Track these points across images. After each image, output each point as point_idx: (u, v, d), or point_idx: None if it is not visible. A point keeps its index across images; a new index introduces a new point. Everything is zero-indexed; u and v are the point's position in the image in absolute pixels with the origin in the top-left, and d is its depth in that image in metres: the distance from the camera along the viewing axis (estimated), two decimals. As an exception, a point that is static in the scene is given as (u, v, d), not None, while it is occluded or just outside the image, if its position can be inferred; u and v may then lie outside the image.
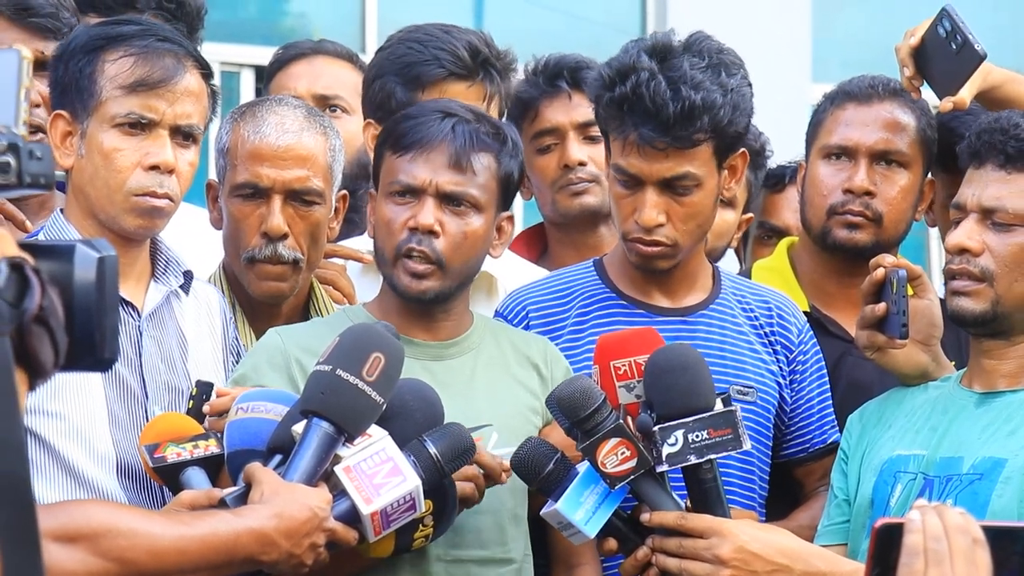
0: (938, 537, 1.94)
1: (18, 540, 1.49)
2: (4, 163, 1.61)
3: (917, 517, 1.96)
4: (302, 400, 2.66)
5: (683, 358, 2.78)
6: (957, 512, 1.98)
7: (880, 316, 3.11)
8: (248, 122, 3.24)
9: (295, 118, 3.26)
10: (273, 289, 3.25)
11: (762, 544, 2.75)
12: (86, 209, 2.95)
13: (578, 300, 3.27)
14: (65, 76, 2.95)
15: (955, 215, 3.09)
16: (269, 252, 3.21)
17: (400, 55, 3.54)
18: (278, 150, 3.21)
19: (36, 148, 1.63)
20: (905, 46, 3.39)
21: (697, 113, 3.06)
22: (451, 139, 2.98)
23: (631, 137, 3.09)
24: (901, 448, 3.05)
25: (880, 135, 3.50)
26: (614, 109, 3.11)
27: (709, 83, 3.08)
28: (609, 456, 2.70)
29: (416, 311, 3.03)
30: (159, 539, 2.44)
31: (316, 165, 3.24)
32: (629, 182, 3.14)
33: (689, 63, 3.08)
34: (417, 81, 3.50)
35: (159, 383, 2.94)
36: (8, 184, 1.61)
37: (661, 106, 3.05)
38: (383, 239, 3.01)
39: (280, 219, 3.20)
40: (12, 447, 1.49)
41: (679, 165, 3.11)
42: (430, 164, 2.98)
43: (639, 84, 3.06)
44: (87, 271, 1.64)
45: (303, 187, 3.22)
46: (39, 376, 1.56)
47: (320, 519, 2.55)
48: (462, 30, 3.61)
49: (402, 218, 2.98)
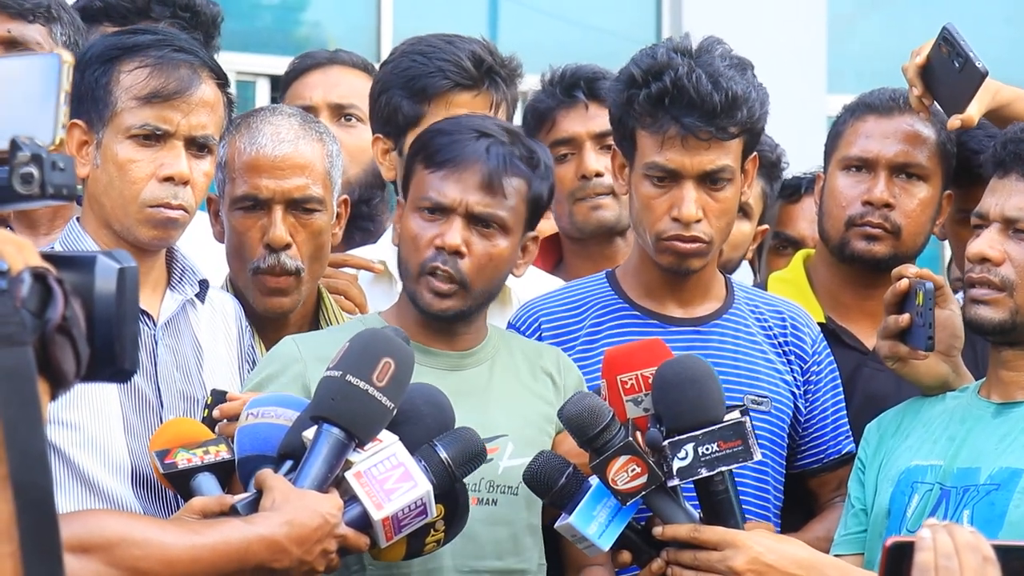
0: (949, 555, 1.95)
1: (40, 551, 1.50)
2: (27, 174, 1.62)
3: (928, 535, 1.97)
4: (312, 406, 2.66)
5: (691, 370, 2.77)
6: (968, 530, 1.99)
7: (903, 327, 3.11)
8: (243, 134, 3.24)
9: (290, 127, 3.25)
10: (276, 305, 3.25)
11: (777, 555, 2.74)
12: (101, 219, 2.95)
13: (591, 311, 3.27)
14: (81, 85, 2.95)
15: (976, 223, 3.08)
16: (273, 262, 3.21)
17: (404, 68, 3.54)
18: (275, 160, 3.21)
19: (59, 159, 1.63)
20: (912, 65, 3.39)
21: (739, 103, 3.09)
22: (484, 160, 2.97)
23: (671, 131, 3.10)
24: (918, 458, 3.04)
25: (900, 147, 3.50)
26: (650, 105, 3.11)
27: (739, 78, 3.12)
28: (619, 473, 2.70)
29: (435, 325, 3.03)
30: (171, 548, 2.44)
31: (314, 172, 3.24)
32: (665, 179, 3.14)
33: (719, 60, 3.12)
34: (423, 94, 3.49)
35: (174, 392, 2.95)
36: (31, 195, 1.62)
37: (706, 96, 3.07)
38: (408, 253, 3.01)
39: (282, 229, 3.20)
40: (35, 457, 1.50)
41: (719, 158, 3.12)
42: (461, 184, 2.97)
43: (680, 77, 3.08)
44: (108, 282, 1.64)
45: (303, 195, 3.22)
46: (61, 386, 1.57)
47: (331, 525, 2.55)
48: (465, 39, 3.60)
49: (428, 235, 2.98)
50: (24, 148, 1.62)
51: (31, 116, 1.65)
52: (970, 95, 3.31)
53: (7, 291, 1.53)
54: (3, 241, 1.57)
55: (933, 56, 3.36)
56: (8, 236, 1.58)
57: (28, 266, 1.56)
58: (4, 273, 1.54)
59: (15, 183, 1.62)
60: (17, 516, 1.49)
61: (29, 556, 1.50)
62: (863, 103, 3.58)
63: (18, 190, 1.63)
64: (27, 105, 1.66)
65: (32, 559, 1.50)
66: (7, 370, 1.50)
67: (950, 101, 3.36)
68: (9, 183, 1.63)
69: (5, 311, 1.52)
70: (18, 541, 1.50)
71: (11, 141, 1.62)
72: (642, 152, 3.17)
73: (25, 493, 1.50)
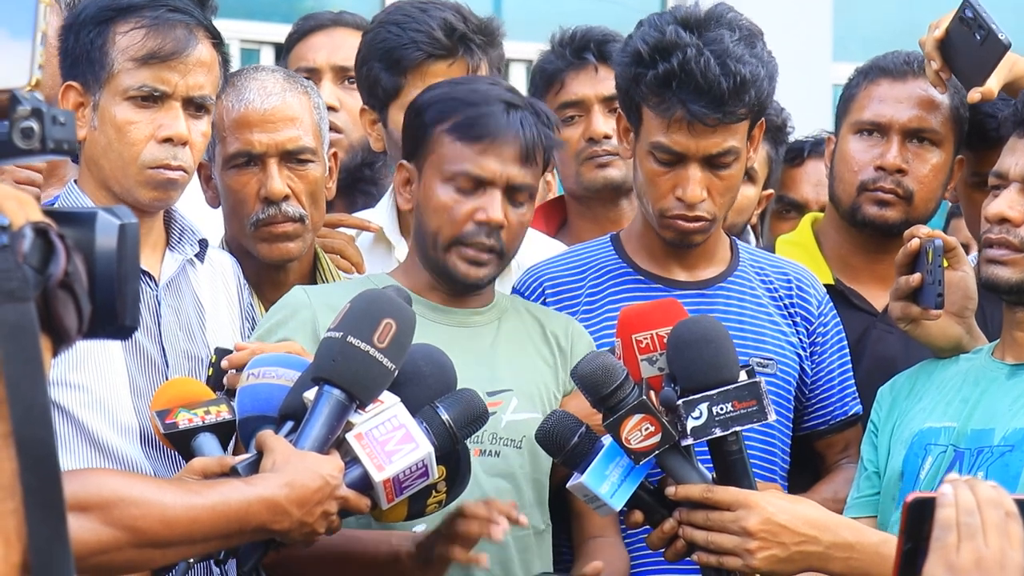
0: (971, 511, 1.94)
1: (43, 505, 1.49)
2: (27, 128, 1.60)
3: (949, 491, 1.95)
4: (313, 367, 2.65)
5: (706, 330, 2.75)
6: (989, 485, 1.98)
7: (915, 287, 3.09)
8: (229, 94, 3.23)
9: (275, 80, 3.27)
10: (283, 251, 3.24)
11: (789, 515, 2.72)
12: (100, 181, 2.95)
13: (594, 275, 3.26)
14: (76, 47, 2.94)
15: (995, 183, 3.06)
16: (273, 211, 3.22)
17: (381, 40, 3.53)
18: (265, 113, 3.22)
19: (59, 113, 1.61)
20: (930, 39, 3.33)
21: (746, 87, 3.06)
22: (521, 134, 2.99)
23: (677, 114, 3.07)
24: (932, 420, 3.03)
25: (914, 112, 3.48)
26: (657, 86, 3.08)
27: (748, 56, 3.07)
28: (633, 432, 2.68)
29: (451, 288, 3.04)
30: (170, 508, 2.42)
31: (304, 124, 3.25)
32: (670, 159, 3.13)
33: (728, 36, 3.07)
34: (398, 66, 3.49)
35: (179, 352, 2.95)
36: (32, 149, 1.60)
37: (713, 82, 3.04)
38: (438, 223, 3.00)
39: (279, 182, 3.20)
40: (38, 412, 1.49)
41: (725, 140, 3.10)
42: (501, 158, 2.98)
43: (687, 60, 3.04)
44: (109, 238, 1.63)
45: (296, 147, 3.23)
46: (63, 342, 1.55)
47: (332, 487, 2.54)
48: (438, 6, 3.57)
49: (465, 208, 2.98)
50: (24, 102, 1.61)
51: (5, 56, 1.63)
52: (991, 67, 3.26)
53: (9, 246, 1.51)
54: (4, 196, 1.56)
55: (952, 28, 3.31)
56: (9, 191, 1.57)
57: (30, 221, 1.54)
58: (5, 228, 1.52)
59: (15, 137, 1.61)
60: (20, 472, 1.49)
61: (32, 513, 1.49)
62: (876, 66, 3.55)
63: (18, 144, 1.61)
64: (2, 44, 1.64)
65: (35, 516, 1.49)
66: (9, 326, 1.49)
67: (969, 74, 3.31)
68: (9, 137, 1.61)
69: (7, 266, 1.50)
70: (21, 497, 1.49)
71: (11, 95, 1.60)
72: (647, 130, 3.15)
73: (28, 449, 1.49)
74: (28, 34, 1.62)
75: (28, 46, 1.62)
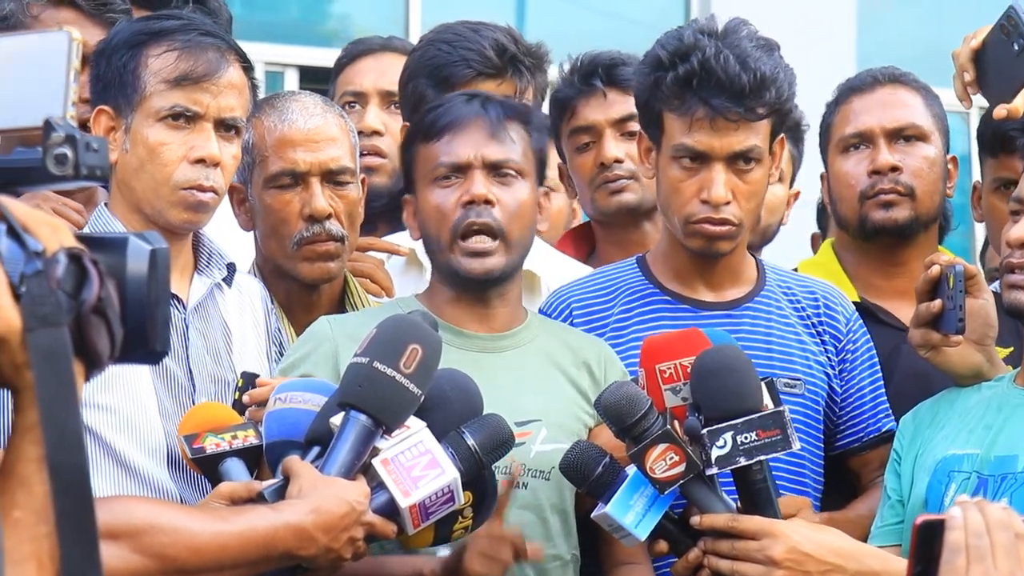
0: (980, 533, 1.93)
1: (76, 529, 1.50)
2: (61, 155, 1.61)
3: (958, 513, 1.95)
4: (340, 392, 2.65)
5: (730, 359, 2.75)
6: (999, 507, 1.97)
7: (935, 313, 3.08)
8: (269, 114, 3.27)
9: (315, 103, 3.31)
10: (324, 271, 3.26)
11: (815, 544, 2.73)
12: (131, 203, 2.96)
13: (621, 297, 3.26)
14: (108, 71, 2.96)
15: (1015, 208, 3.05)
16: (318, 230, 3.24)
17: (430, 57, 3.57)
18: (309, 133, 3.25)
19: (93, 140, 1.62)
20: (966, 50, 3.31)
21: (767, 83, 3.09)
22: (484, 114, 3.01)
23: (699, 112, 3.10)
24: (955, 447, 3.02)
25: (891, 113, 3.55)
26: (677, 87, 3.11)
27: (767, 58, 3.11)
28: (657, 462, 2.69)
29: (470, 299, 3.03)
30: (199, 535, 2.43)
31: (343, 145, 3.28)
32: (694, 161, 3.13)
33: (746, 41, 3.11)
34: (447, 82, 3.52)
35: (206, 376, 2.95)
36: (65, 176, 1.61)
37: (734, 76, 3.06)
38: (435, 226, 3.00)
39: (323, 200, 3.23)
40: (71, 437, 1.50)
41: (748, 138, 3.12)
42: (470, 139, 2.99)
43: (707, 58, 3.07)
44: (140, 263, 1.64)
45: (338, 167, 3.26)
46: (96, 367, 1.57)
47: (358, 513, 2.54)
48: (490, 27, 3.62)
49: (452, 198, 2.98)
50: (58, 129, 1.62)
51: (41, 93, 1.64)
52: (1021, 83, 3.24)
53: (43, 272, 1.53)
54: (38, 222, 1.57)
55: (990, 40, 3.28)
56: (43, 217, 1.58)
57: (63, 247, 1.56)
58: (40, 254, 1.54)
59: (49, 164, 1.62)
60: (53, 497, 1.49)
61: (65, 537, 1.49)
62: (845, 88, 3.66)
63: (52, 171, 1.62)
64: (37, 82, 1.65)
65: (68, 540, 1.50)
66: (43, 351, 1.50)
67: (998, 88, 3.28)
68: (43, 164, 1.62)
69: (41, 292, 1.52)
70: (54, 521, 1.50)
71: (45, 122, 1.62)
72: (670, 135, 3.16)
73: (62, 473, 1.50)
74: (62, 71, 1.63)
75: (62, 83, 1.63)
